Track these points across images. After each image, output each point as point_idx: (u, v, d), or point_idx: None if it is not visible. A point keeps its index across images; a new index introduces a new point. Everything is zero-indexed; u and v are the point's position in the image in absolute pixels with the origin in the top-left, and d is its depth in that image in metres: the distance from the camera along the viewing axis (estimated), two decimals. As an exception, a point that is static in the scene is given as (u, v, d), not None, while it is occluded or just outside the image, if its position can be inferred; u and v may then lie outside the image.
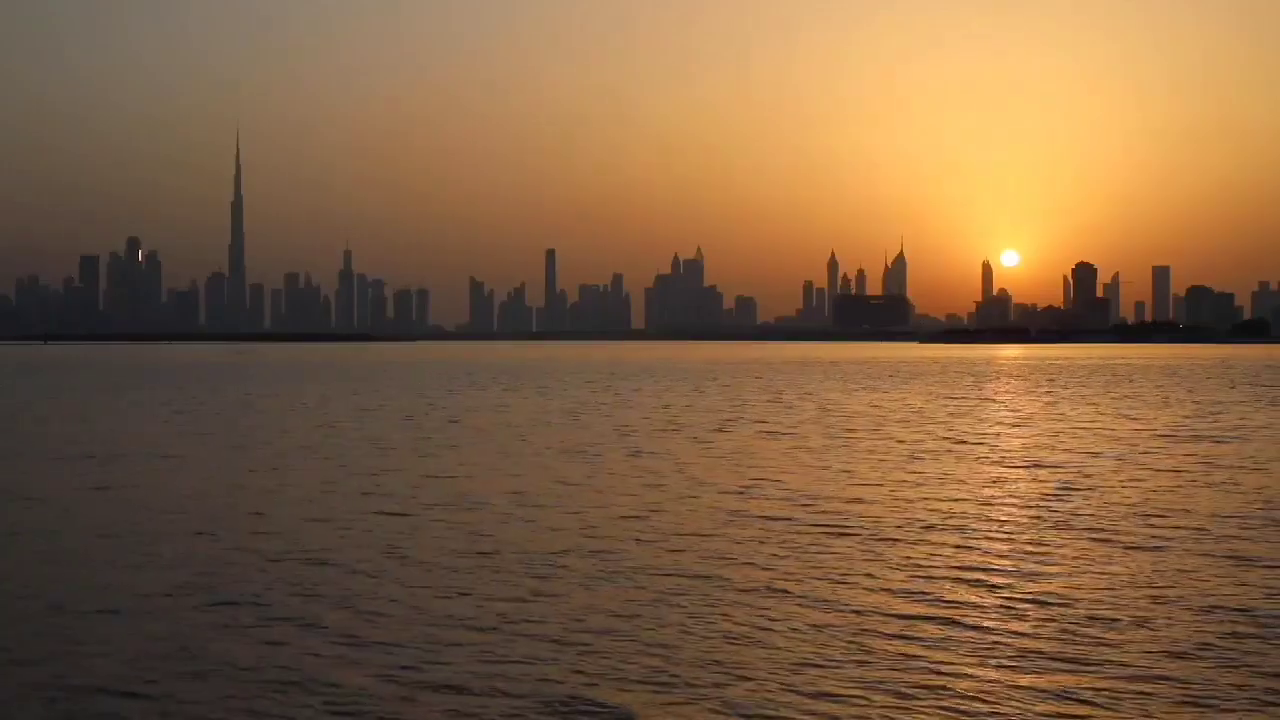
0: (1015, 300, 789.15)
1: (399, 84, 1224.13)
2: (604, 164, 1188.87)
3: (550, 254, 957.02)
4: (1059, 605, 19.60)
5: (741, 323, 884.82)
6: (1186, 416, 64.72)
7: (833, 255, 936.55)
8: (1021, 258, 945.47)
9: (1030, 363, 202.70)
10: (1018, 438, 51.83)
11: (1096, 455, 43.90)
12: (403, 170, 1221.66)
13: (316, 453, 45.99)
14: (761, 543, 25.45)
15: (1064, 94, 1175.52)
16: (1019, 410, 71.78)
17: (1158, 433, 54.06)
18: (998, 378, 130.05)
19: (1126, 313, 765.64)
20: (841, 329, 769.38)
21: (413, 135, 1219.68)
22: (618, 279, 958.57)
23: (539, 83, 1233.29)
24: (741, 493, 33.56)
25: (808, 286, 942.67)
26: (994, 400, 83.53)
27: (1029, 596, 20.27)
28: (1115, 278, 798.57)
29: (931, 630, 18.02)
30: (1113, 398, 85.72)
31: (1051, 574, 22.13)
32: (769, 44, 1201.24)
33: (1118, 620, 18.56)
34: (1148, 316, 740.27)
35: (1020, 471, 38.80)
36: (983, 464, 41.15)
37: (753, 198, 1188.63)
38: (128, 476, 38.15)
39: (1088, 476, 37.17)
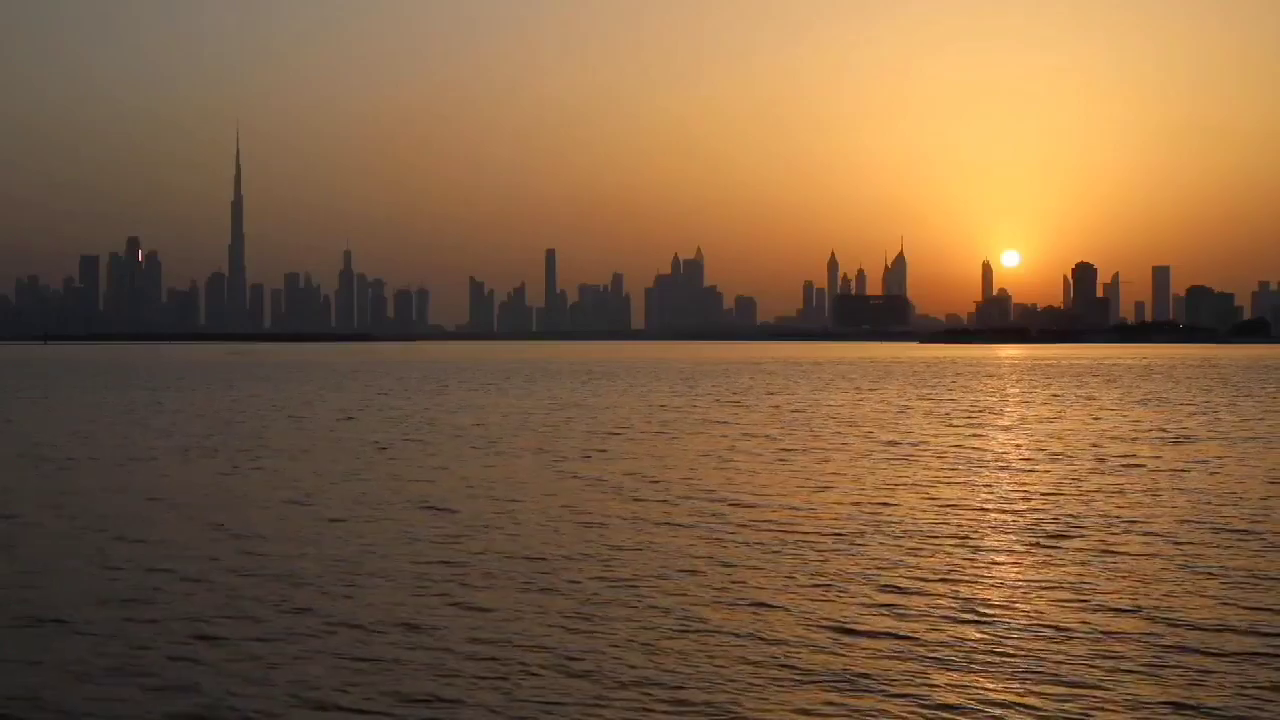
0: (1015, 300, 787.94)
1: (399, 84, 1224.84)
2: (604, 164, 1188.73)
3: (550, 254, 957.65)
4: (993, 614, 19.27)
5: (741, 323, 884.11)
6: (1156, 416, 64.56)
7: (833, 255, 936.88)
8: (1021, 258, 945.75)
9: (1021, 363, 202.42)
10: (970, 438, 51.68)
11: (1047, 456, 43.78)
12: (403, 170, 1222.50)
13: (263, 456, 45.90)
14: (679, 547, 25.33)
15: (1064, 94, 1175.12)
16: (983, 410, 71.61)
17: (1119, 432, 53.88)
18: (981, 377, 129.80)
19: (1126, 313, 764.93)
20: (841, 329, 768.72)
21: (413, 135, 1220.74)
22: (618, 279, 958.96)
23: (539, 83, 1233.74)
24: (667, 497, 33.43)
25: (808, 286, 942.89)
26: (964, 400, 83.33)
27: (963, 605, 19.89)
28: (1115, 278, 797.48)
29: (861, 642, 17.55)
30: (1086, 398, 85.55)
31: (979, 581, 21.97)
32: (769, 45, 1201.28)
33: (1052, 630, 18.17)
34: (1148, 316, 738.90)
35: (963, 474, 38.65)
36: (925, 466, 40.99)
37: (753, 198, 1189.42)
38: (77, 479, 38.09)
39: (1029, 478, 37.07)
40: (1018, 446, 47.60)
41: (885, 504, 31.04)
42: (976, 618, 18.83)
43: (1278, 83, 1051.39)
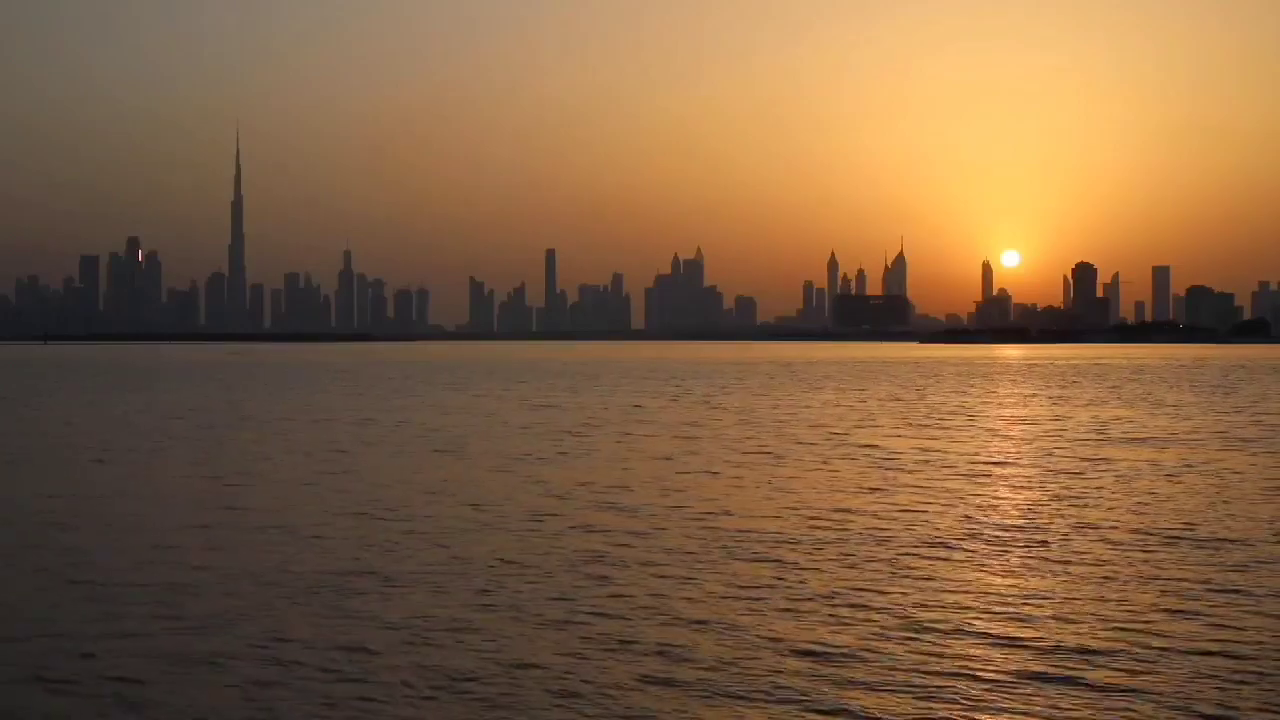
0: (1015, 300, 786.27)
1: (399, 84, 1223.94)
2: (604, 164, 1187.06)
3: (550, 254, 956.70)
4: (919, 621, 18.83)
5: (741, 323, 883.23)
6: (1124, 416, 63.96)
7: (833, 255, 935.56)
8: (1021, 258, 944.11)
9: (1014, 363, 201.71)
10: (926, 440, 51.08)
11: (997, 458, 43.23)
12: (403, 170, 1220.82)
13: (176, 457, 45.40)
14: (595, 552, 24.80)
15: (1064, 94, 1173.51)
16: (951, 412, 71.02)
17: (1068, 433, 53.25)
18: (968, 378, 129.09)
19: (1126, 313, 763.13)
20: (841, 329, 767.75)
21: (413, 135, 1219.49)
22: (618, 279, 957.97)
23: (539, 83, 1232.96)
24: (597, 500, 32.88)
25: (808, 286, 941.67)
26: (938, 401, 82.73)
27: (889, 612, 19.46)
28: (1115, 278, 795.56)
29: (783, 654, 17.10)
30: (1060, 399, 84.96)
31: (896, 588, 21.42)
32: (770, 44, 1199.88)
33: (980, 636, 17.74)
34: (1148, 316, 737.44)
35: (903, 476, 38.09)
36: (870, 468, 40.42)
37: (753, 198, 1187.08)
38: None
39: (974, 481, 36.52)
40: (973, 448, 47.00)
41: (826, 508, 30.48)
42: (905, 625, 18.33)
43: (1278, 83, 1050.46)
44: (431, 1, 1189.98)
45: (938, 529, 27.09)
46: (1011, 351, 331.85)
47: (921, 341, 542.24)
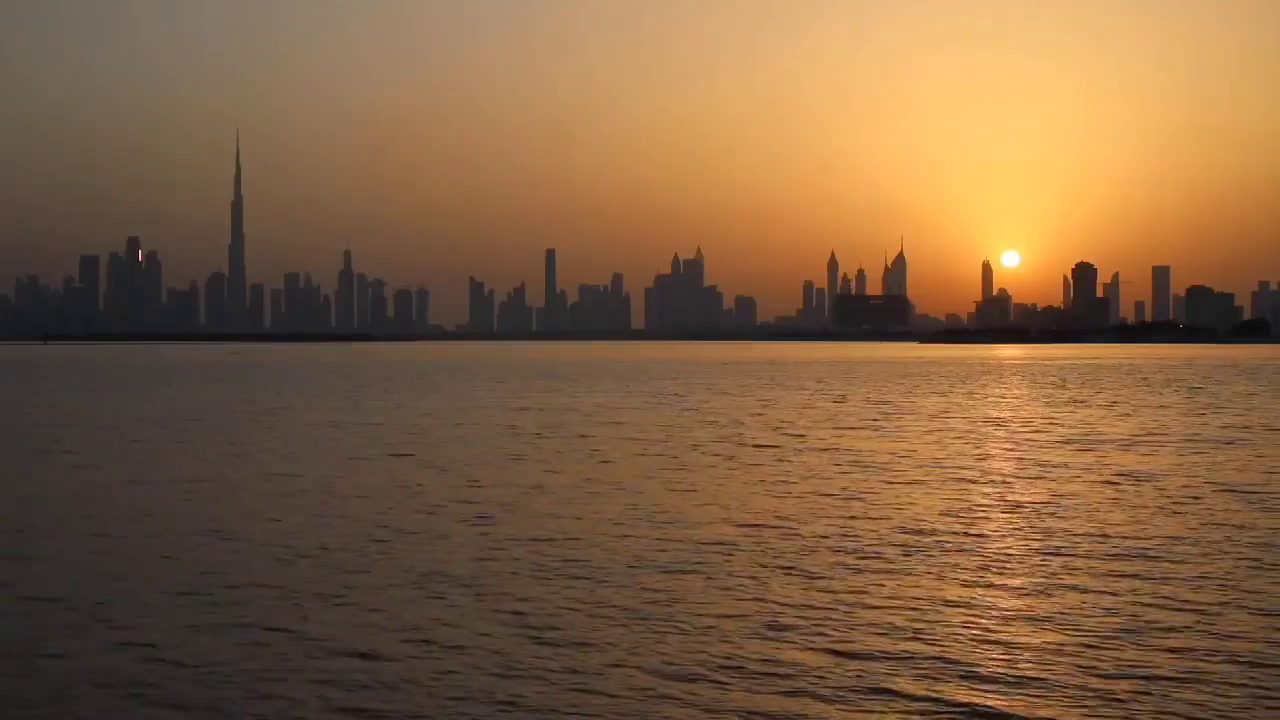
0: (1015, 300, 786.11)
1: (399, 84, 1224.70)
2: (604, 164, 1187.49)
3: (550, 254, 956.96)
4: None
5: (741, 323, 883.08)
6: (1083, 417, 63.58)
7: (833, 255, 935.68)
8: (1021, 258, 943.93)
9: (1006, 363, 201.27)
10: (855, 441, 50.72)
11: (936, 461, 42.86)
12: (403, 170, 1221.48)
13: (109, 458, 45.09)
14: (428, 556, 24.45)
15: (1064, 94, 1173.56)
16: (898, 411, 70.64)
17: (1031, 435, 52.89)
18: (950, 378, 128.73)
19: (1126, 313, 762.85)
20: (841, 329, 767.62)
21: (413, 135, 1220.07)
22: (618, 279, 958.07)
23: (540, 82, 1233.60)
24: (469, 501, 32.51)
25: (808, 286, 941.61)
26: (885, 402, 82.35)
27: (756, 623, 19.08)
28: (1115, 278, 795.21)
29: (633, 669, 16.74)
30: (1031, 399, 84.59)
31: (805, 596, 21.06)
32: (769, 45, 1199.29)
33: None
34: (1148, 316, 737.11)
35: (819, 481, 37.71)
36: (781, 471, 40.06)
37: (753, 198, 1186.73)
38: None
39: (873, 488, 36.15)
40: (928, 451, 46.63)
41: (768, 511, 30.12)
42: (830, 636, 17.89)
43: (1278, 83, 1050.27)
44: (431, 1, 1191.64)
45: (876, 534, 26.71)
46: (1009, 352, 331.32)
47: (921, 341, 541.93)
